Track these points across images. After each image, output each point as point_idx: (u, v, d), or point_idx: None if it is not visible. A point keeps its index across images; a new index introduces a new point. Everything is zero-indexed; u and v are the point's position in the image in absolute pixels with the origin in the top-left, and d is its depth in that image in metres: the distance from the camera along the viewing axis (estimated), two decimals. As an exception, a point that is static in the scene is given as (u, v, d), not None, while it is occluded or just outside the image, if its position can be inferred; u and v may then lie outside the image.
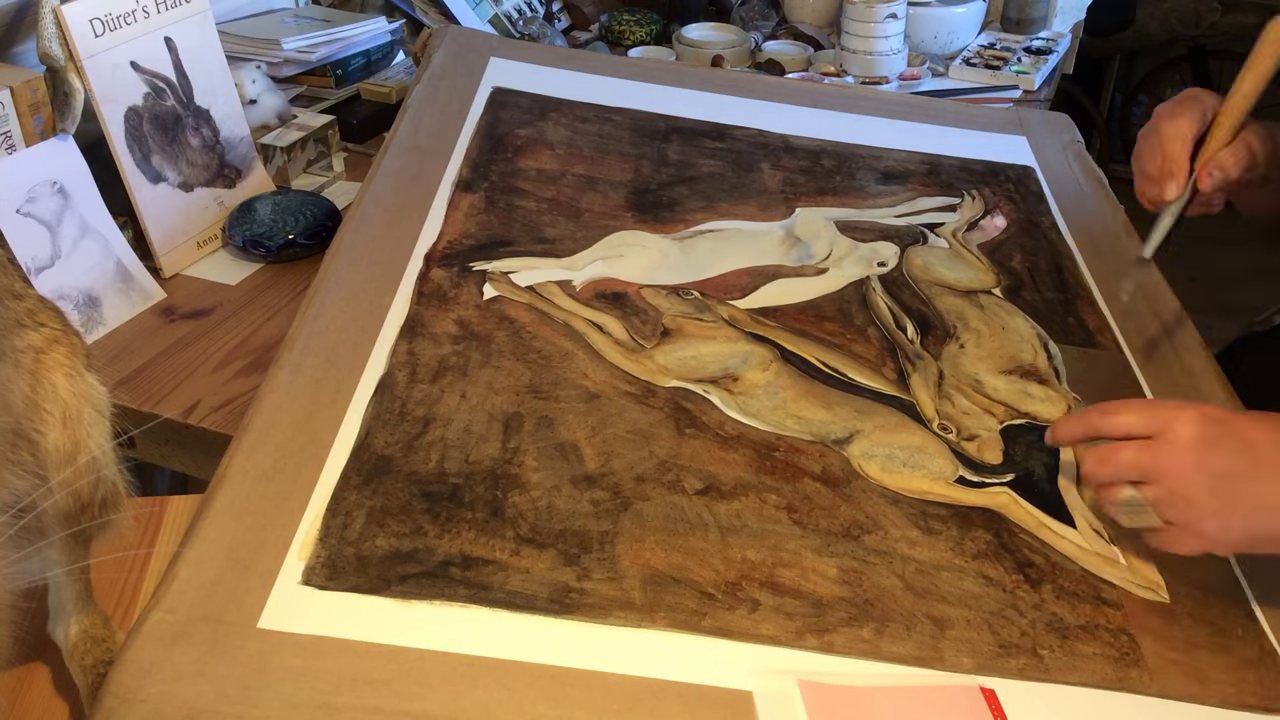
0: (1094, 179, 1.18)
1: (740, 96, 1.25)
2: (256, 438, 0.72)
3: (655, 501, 0.72)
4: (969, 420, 0.84)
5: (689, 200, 1.05)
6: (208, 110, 1.25)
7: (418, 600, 0.63)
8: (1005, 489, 0.78)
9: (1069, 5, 1.94)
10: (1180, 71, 3.49)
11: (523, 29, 1.81)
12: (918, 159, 1.18)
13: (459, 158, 1.05)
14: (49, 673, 0.73)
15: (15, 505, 0.59)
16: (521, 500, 0.71)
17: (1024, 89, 1.73)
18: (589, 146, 1.11)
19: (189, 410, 0.99)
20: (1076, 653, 0.67)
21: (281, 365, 0.78)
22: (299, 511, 0.68)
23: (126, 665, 0.58)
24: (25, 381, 0.63)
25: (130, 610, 0.78)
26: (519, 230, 0.97)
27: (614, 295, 0.91)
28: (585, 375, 0.82)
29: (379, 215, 0.95)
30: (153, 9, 1.18)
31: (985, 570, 0.72)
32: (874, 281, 0.98)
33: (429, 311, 0.86)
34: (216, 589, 0.62)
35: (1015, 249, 1.05)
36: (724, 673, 0.62)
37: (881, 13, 1.70)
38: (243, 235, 1.20)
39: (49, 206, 1.08)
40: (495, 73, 1.19)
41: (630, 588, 0.66)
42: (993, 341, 0.92)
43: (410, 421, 0.75)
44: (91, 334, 1.07)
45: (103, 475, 0.66)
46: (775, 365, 0.86)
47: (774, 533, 0.71)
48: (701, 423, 0.80)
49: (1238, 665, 0.67)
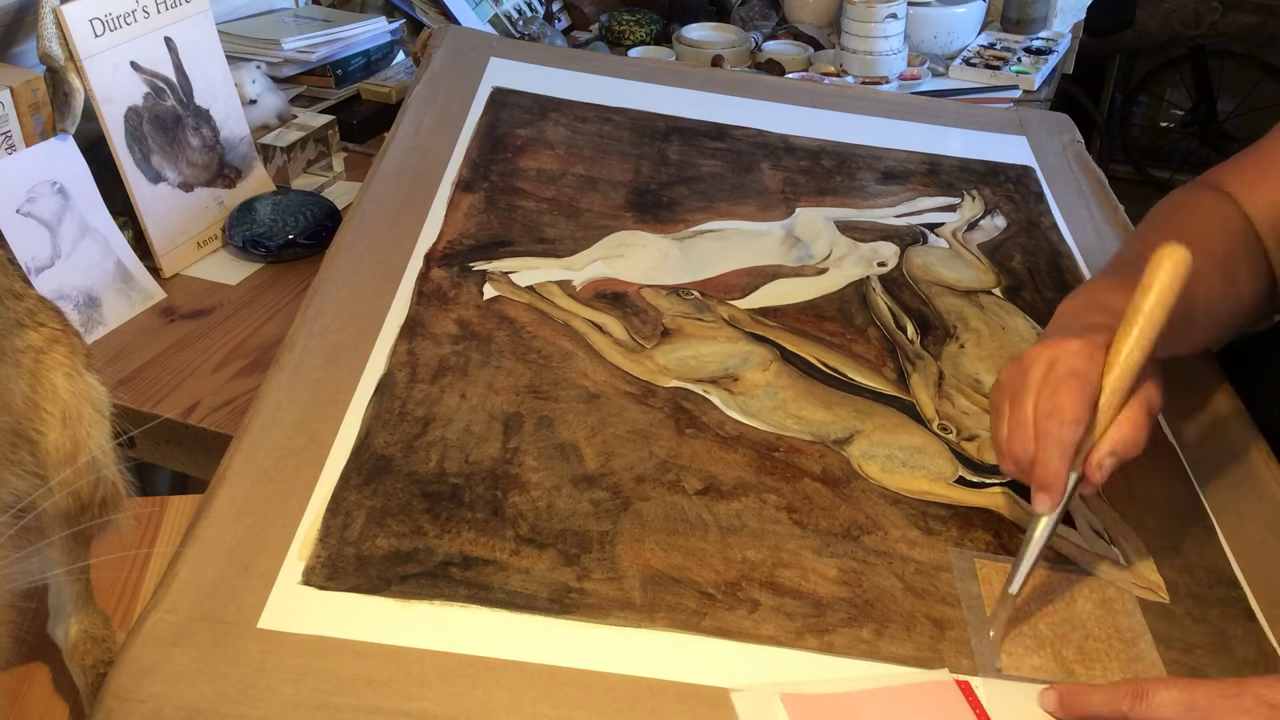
0: (1094, 179, 1.18)
1: (740, 96, 1.25)
2: (256, 438, 0.72)
3: (655, 501, 0.72)
4: (969, 420, 0.84)
5: (689, 200, 1.05)
6: (208, 110, 1.25)
7: (418, 600, 0.63)
8: (1005, 489, 0.78)
9: (1069, 5, 1.94)
10: (1180, 71, 3.50)
11: (523, 29, 1.81)
12: (918, 159, 1.18)
13: (459, 158, 1.05)
14: (49, 673, 0.73)
15: (15, 505, 0.59)
16: (521, 500, 0.71)
17: (1024, 89, 1.73)
18: (589, 146, 1.11)
19: (189, 410, 1.00)
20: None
21: (281, 365, 0.78)
22: (299, 511, 0.68)
23: (126, 665, 0.58)
24: (25, 381, 0.63)
25: (130, 610, 0.78)
26: (519, 230, 0.97)
27: (614, 295, 0.91)
28: (585, 375, 0.82)
29: (379, 215, 0.95)
30: (153, 9, 1.18)
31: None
32: (874, 281, 0.98)
33: (429, 311, 0.86)
34: (216, 589, 0.62)
35: (1015, 249, 1.05)
36: (724, 673, 0.62)
37: (881, 13, 1.70)
38: (243, 235, 1.20)
39: (49, 206, 1.08)
40: (495, 73, 1.19)
41: (630, 588, 0.66)
42: (993, 341, 0.92)
43: (410, 421, 0.75)
44: (91, 334, 1.08)
45: (103, 475, 0.66)
46: (775, 365, 0.86)
47: (774, 533, 0.71)
48: (701, 423, 0.80)
49: (1238, 665, 0.67)
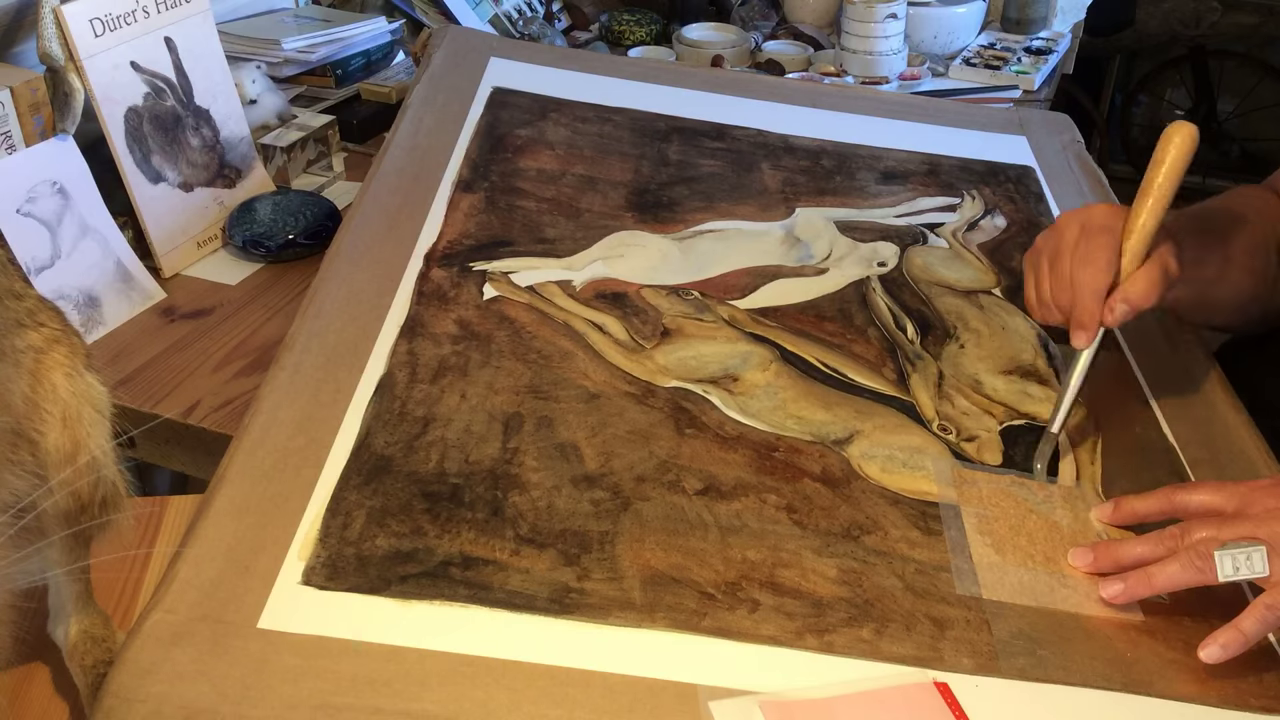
0: (1094, 179, 1.18)
1: (740, 96, 1.25)
2: (256, 438, 0.72)
3: (655, 502, 0.72)
4: (969, 421, 0.84)
5: (689, 200, 1.05)
6: (208, 110, 1.25)
7: (418, 600, 0.63)
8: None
9: (1069, 5, 1.94)
10: (1180, 71, 3.50)
11: (523, 29, 1.81)
12: (918, 159, 1.18)
13: (459, 158, 1.05)
14: (49, 673, 0.73)
15: (15, 505, 0.59)
16: (521, 500, 0.71)
17: (1024, 89, 1.73)
18: (589, 146, 1.11)
19: (189, 410, 1.00)
20: (1076, 653, 0.67)
21: (281, 365, 0.78)
22: (299, 511, 0.68)
23: (126, 665, 0.58)
24: (25, 381, 0.63)
25: (130, 610, 0.77)
26: (519, 230, 0.97)
27: (614, 295, 0.91)
28: (585, 375, 0.82)
29: (379, 215, 0.95)
30: (153, 9, 1.18)
31: (985, 570, 0.72)
32: (874, 281, 0.98)
33: (429, 311, 0.86)
34: (216, 589, 0.62)
35: (1015, 249, 1.05)
36: (724, 673, 0.62)
37: (881, 13, 1.70)
38: (243, 235, 1.20)
39: (49, 206, 1.08)
40: (495, 73, 1.19)
41: (630, 588, 0.66)
42: (993, 342, 0.92)
43: (410, 421, 0.75)
44: (91, 334, 1.08)
45: (103, 475, 0.66)
46: (775, 365, 0.86)
47: (774, 533, 0.71)
48: (701, 423, 0.80)
49: (1238, 665, 0.67)
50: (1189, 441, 0.84)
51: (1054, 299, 0.81)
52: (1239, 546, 0.66)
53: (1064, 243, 0.81)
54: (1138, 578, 0.68)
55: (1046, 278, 0.82)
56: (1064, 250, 0.81)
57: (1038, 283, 0.84)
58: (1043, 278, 0.83)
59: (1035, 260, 0.85)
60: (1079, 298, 0.78)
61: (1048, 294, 0.82)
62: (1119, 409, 0.87)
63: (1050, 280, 0.82)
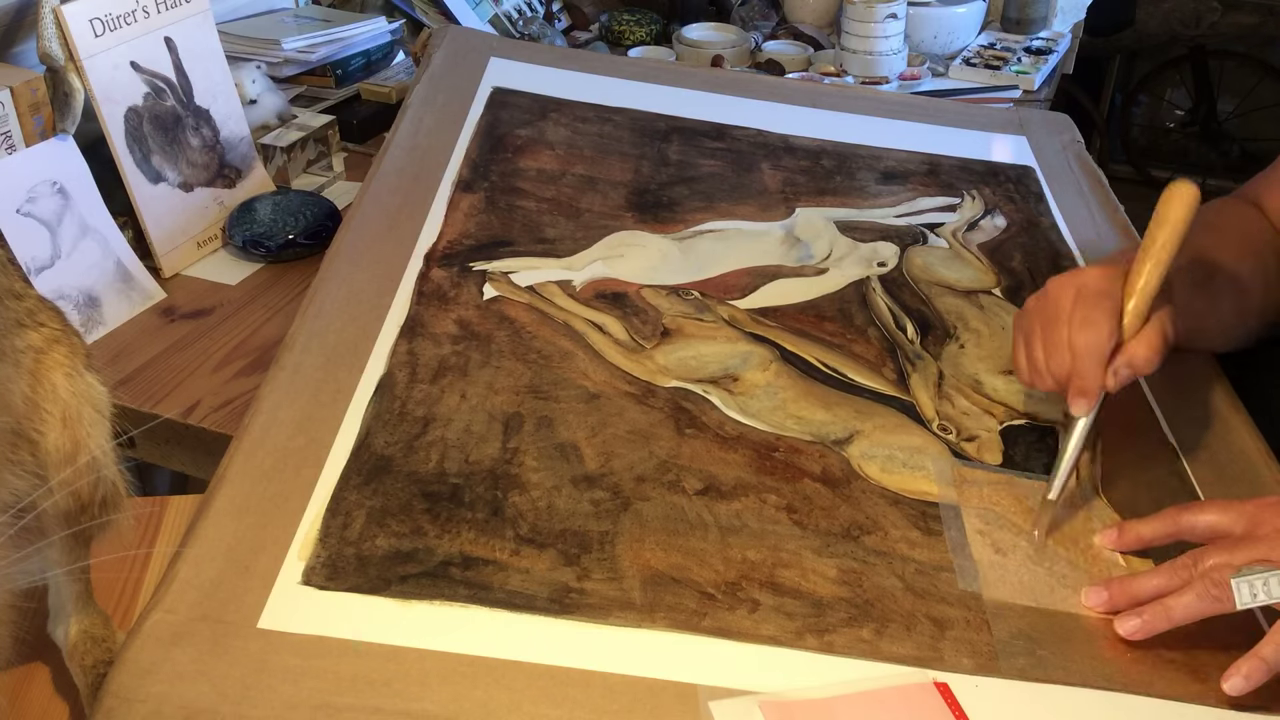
0: (1094, 179, 1.18)
1: (740, 96, 1.25)
2: (256, 438, 0.72)
3: (655, 502, 0.72)
4: (969, 421, 0.84)
5: (689, 200, 1.05)
6: (208, 110, 1.25)
7: (418, 600, 0.63)
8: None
9: (1069, 5, 1.94)
10: (1180, 71, 3.50)
11: (523, 29, 1.81)
12: (918, 159, 1.18)
13: (459, 158, 1.05)
14: (49, 673, 0.73)
15: (15, 505, 0.59)
16: (521, 500, 0.71)
17: (1024, 89, 1.73)
18: (589, 146, 1.11)
19: (189, 410, 0.99)
20: (1076, 653, 0.67)
21: (281, 365, 0.78)
22: (299, 511, 0.68)
23: (126, 665, 0.58)
24: (25, 381, 0.63)
25: (130, 610, 0.77)
26: (519, 230, 0.97)
27: (614, 295, 0.91)
28: (585, 375, 0.82)
29: (379, 215, 0.95)
30: (153, 9, 1.18)
31: (985, 570, 0.72)
32: (874, 281, 0.98)
33: (429, 311, 0.86)
34: (216, 589, 0.62)
35: (1015, 249, 1.05)
36: (724, 673, 0.62)
37: (881, 13, 1.70)
38: (243, 235, 1.20)
39: (49, 206, 1.08)
40: (495, 73, 1.19)
41: (630, 588, 0.66)
42: (993, 342, 0.92)
43: (410, 421, 0.75)
44: (91, 334, 1.07)
45: (103, 475, 0.66)
46: (775, 365, 0.86)
47: (774, 533, 0.71)
48: (701, 423, 0.80)
49: (1231, 659, 0.67)
50: (1189, 443, 0.84)
51: (1047, 365, 0.77)
52: (1255, 572, 0.64)
53: (1059, 308, 0.77)
54: (1155, 611, 0.67)
55: (1039, 343, 0.78)
56: (1059, 316, 0.77)
57: (1028, 349, 0.79)
58: (1034, 343, 0.78)
59: (1026, 325, 0.80)
60: (1079, 363, 0.75)
61: (1040, 360, 0.78)
62: (1119, 408, 0.87)
63: (1043, 346, 0.78)
